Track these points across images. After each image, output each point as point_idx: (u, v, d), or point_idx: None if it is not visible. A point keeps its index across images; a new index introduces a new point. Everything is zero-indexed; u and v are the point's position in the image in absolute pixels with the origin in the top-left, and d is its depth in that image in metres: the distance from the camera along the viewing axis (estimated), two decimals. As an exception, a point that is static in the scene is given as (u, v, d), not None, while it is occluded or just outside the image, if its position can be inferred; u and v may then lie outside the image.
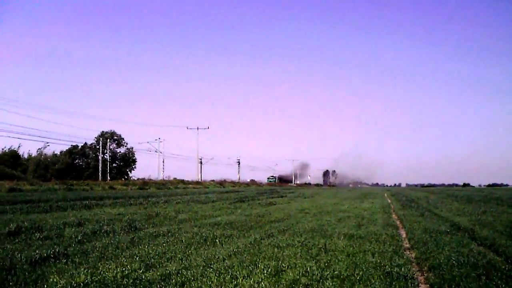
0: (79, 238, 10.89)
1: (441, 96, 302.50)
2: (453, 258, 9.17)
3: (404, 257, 9.35)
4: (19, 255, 8.48)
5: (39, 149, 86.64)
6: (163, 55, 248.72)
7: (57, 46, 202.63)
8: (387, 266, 8.21)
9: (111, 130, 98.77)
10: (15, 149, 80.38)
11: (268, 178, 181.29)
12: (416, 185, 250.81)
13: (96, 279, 6.85)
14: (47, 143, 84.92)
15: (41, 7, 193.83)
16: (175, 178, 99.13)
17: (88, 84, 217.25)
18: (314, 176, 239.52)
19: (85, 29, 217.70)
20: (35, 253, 8.56)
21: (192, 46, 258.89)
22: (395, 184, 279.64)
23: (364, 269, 7.91)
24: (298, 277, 7.24)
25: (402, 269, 8.00)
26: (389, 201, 35.72)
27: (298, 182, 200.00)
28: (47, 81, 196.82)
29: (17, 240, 10.47)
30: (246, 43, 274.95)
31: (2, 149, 79.01)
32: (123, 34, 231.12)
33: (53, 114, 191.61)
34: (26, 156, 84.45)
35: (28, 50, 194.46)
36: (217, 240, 11.03)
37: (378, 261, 8.75)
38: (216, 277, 7.17)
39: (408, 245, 11.21)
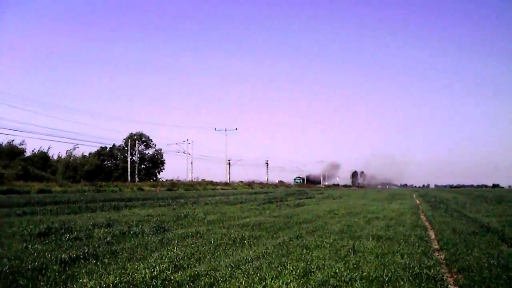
0: (108, 239, 10.95)
1: (470, 95, 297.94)
2: (482, 259, 9.06)
3: (433, 258, 9.26)
4: (49, 255, 8.54)
5: (68, 150, 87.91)
6: (192, 57, 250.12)
7: (86, 47, 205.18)
8: (416, 268, 8.15)
9: (139, 132, 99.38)
10: (45, 151, 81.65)
11: (294, 179, 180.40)
12: (444, 186, 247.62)
13: (125, 279, 6.85)
14: (76, 144, 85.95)
15: (65, 6, 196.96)
16: (203, 179, 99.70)
17: (117, 86, 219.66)
18: (342, 177, 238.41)
19: (111, 31, 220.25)
20: (65, 254, 8.61)
21: (221, 48, 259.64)
22: (423, 185, 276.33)
23: (393, 270, 7.85)
24: (326, 279, 7.19)
25: (431, 270, 7.93)
26: (418, 202, 35.44)
27: (326, 183, 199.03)
28: (76, 83, 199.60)
29: (47, 241, 10.55)
30: (275, 45, 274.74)
31: (32, 151, 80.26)
32: (151, 36, 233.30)
33: (82, 116, 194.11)
34: (55, 157, 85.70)
35: (57, 52, 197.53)
36: (245, 241, 10.99)
37: (407, 262, 8.69)
38: (244, 278, 7.12)
39: (437, 246, 11.10)
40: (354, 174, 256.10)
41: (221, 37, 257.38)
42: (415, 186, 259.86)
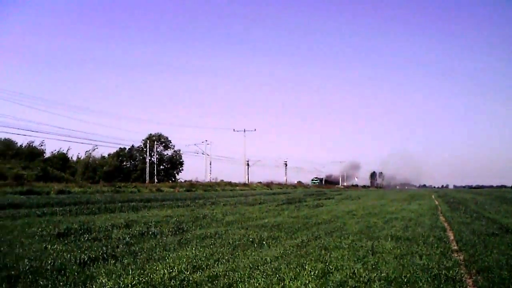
0: (127, 239, 10.98)
1: (489, 95, 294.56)
2: (502, 260, 9.02)
3: (452, 259, 9.23)
4: (68, 256, 8.57)
5: (87, 151, 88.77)
6: (211, 58, 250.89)
7: (107, 48, 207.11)
8: (435, 268, 8.14)
9: (158, 133, 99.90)
10: (64, 152, 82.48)
11: (312, 180, 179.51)
12: (463, 187, 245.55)
13: (144, 280, 6.84)
14: (96, 145, 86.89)
15: (83, 6, 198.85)
16: (222, 180, 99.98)
17: (136, 87, 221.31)
18: (361, 177, 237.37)
19: (131, 32, 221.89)
20: (84, 254, 8.64)
21: (239, 49, 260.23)
22: (442, 186, 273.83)
23: (412, 271, 7.84)
24: (345, 279, 7.19)
25: (450, 271, 7.90)
26: (437, 202, 35.21)
27: (345, 184, 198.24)
28: (96, 84, 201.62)
29: (66, 241, 10.61)
30: (293, 46, 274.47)
31: (52, 152, 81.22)
32: (171, 37, 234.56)
33: (102, 117, 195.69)
34: (75, 158, 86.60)
35: (78, 53, 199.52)
36: (264, 242, 10.95)
37: (426, 263, 8.68)
38: (263, 279, 7.11)
39: (456, 247, 11.04)
40: (373, 175, 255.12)
41: (240, 38, 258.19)
42: (434, 187, 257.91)
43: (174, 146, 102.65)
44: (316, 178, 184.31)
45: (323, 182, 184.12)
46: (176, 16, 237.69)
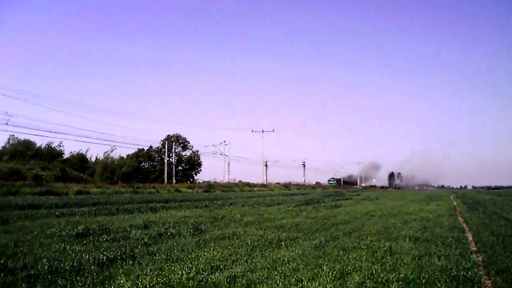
0: (145, 240, 11.00)
1: (509, 95, 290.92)
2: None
3: (471, 260, 9.20)
4: (87, 256, 8.60)
5: (106, 152, 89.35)
6: (229, 59, 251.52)
7: (125, 50, 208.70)
8: (453, 270, 8.09)
9: (176, 133, 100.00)
10: (83, 152, 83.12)
11: (328, 181, 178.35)
12: (482, 187, 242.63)
13: (162, 280, 6.84)
14: (114, 146, 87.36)
15: (101, 6, 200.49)
16: (240, 181, 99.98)
17: (154, 88, 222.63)
18: (379, 178, 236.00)
19: (149, 33, 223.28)
20: (102, 255, 8.65)
21: (257, 49, 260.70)
22: (461, 187, 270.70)
23: (430, 272, 7.82)
24: (363, 280, 7.17)
25: (469, 272, 7.86)
26: (455, 203, 35.13)
27: (363, 184, 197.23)
28: (114, 85, 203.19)
29: (85, 242, 10.66)
30: (309, 47, 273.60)
31: (71, 152, 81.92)
32: (190, 38, 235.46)
33: (120, 118, 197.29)
34: (93, 159, 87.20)
35: (96, 55, 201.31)
36: (282, 243, 10.93)
37: (444, 264, 8.64)
38: (281, 279, 7.09)
39: (474, 248, 11.01)
40: (391, 176, 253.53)
41: (259, 39, 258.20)
42: (452, 187, 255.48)
43: (192, 146, 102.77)
44: (332, 178, 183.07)
45: (341, 182, 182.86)
46: (198, 16, 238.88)
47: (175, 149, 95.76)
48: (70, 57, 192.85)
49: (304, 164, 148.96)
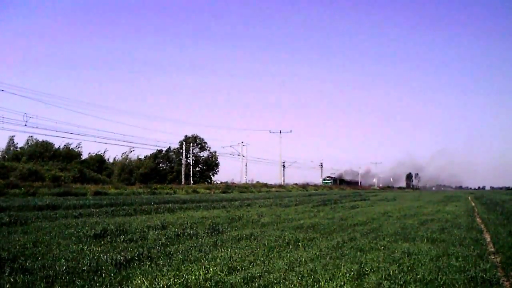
0: (162, 241, 11.01)
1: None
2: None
3: (489, 261, 9.16)
4: (104, 257, 8.62)
5: (124, 153, 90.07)
6: (247, 60, 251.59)
7: (143, 51, 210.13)
8: (471, 271, 8.05)
9: (194, 135, 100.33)
10: (101, 153, 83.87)
11: (323, 180, 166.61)
12: (500, 188, 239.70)
13: (179, 281, 6.84)
14: (132, 147, 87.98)
15: (124, 9, 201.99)
16: (258, 182, 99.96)
17: (172, 89, 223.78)
18: (396, 179, 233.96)
19: (167, 34, 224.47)
20: (120, 255, 8.67)
21: (274, 50, 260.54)
22: (479, 187, 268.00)
23: (448, 273, 7.80)
24: (380, 281, 7.16)
25: (487, 273, 7.81)
26: (473, 204, 34.93)
27: (381, 185, 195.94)
28: (132, 87, 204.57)
29: (102, 242, 10.71)
30: (326, 46, 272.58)
31: (89, 153, 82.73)
32: (208, 38, 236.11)
33: (138, 119, 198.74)
34: (111, 160, 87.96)
35: (114, 57, 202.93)
36: (299, 243, 10.89)
37: (462, 265, 8.61)
38: (298, 280, 7.09)
39: (493, 249, 10.96)
40: (409, 176, 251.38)
41: (276, 40, 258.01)
42: (470, 188, 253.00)
43: (210, 147, 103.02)
44: (328, 177, 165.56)
45: (340, 182, 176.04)
46: (214, 18, 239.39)
47: (192, 150, 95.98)
48: (90, 58, 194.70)
49: (321, 165, 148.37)
